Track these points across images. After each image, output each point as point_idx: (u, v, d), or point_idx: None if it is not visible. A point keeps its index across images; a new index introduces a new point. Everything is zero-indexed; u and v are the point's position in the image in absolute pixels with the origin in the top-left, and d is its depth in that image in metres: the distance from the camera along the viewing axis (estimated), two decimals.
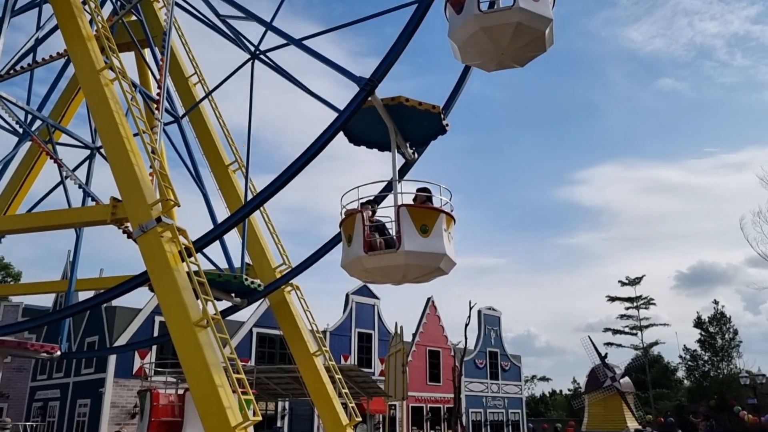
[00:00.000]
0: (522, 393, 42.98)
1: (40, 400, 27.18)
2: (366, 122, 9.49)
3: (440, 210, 8.53)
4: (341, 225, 8.85)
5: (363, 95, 9.17)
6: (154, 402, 10.06)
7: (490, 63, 8.42)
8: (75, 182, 13.46)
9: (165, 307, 8.99)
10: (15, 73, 14.60)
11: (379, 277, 8.99)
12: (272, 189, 10.07)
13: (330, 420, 12.32)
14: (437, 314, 37.45)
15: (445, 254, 8.33)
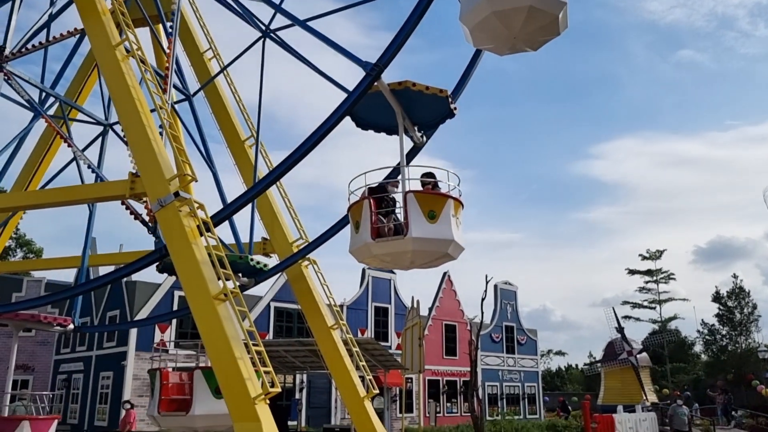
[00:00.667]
0: (538, 367, 43.18)
1: (64, 373, 27.81)
2: (373, 106, 9.45)
3: (448, 195, 8.54)
4: (349, 210, 8.90)
5: (368, 81, 9.09)
6: (164, 380, 10.32)
7: (502, 47, 8.26)
8: (85, 162, 13.53)
9: (184, 280, 9.10)
10: (28, 51, 14.66)
11: (386, 263, 9.06)
12: (277, 173, 10.14)
13: (348, 392, 12.48)
14: (453, 289, 37.56)
15: (453, 240, 8.35)
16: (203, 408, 9.63)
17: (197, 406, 9.65)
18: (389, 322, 33.43)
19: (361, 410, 12.30)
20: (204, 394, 9.76)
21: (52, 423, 13.01)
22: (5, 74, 14.21)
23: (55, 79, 15.26)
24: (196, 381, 9.80)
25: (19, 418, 12.62)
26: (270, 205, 13.36)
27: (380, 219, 8.45)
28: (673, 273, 54.99)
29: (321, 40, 10.44)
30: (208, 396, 9.75)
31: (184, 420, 9.77)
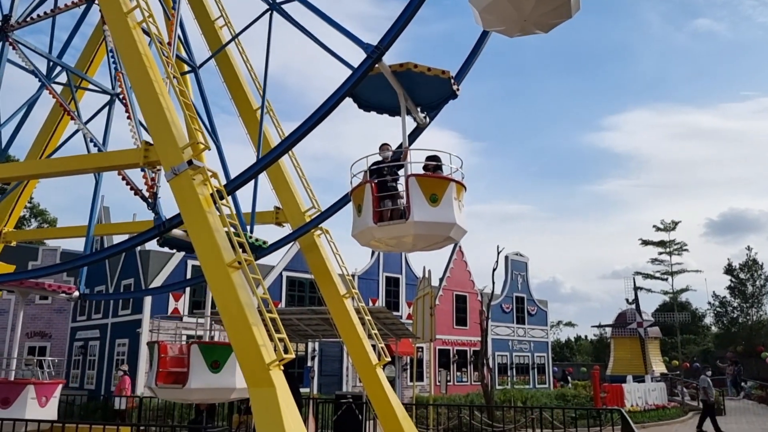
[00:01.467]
0: (548, 337, 43.42)
1: (80, 340, 28.31)
2: (375, 87, 9.35)
3: (450, 179, 8.52)
4: (351, 194, 8.93)
5: (368, 63, 8.98)
6: (162, 353, 10.51)
7: (512, 29, 8.06)
8: (87, 135, 13.48)
9: (198, 248, 9.15)
10: (33, 20, 14.61)
11: (389, 246, 9.12)
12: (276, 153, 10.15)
13: (360, 360, 12.62)
14: (464, 260, 37.65)
15: (455, 223, 8.35)
16: (199, 381, 9.82)
17: (193, 380, 9.80)
18: (400, 292, 33.63)
19: (373, 378, 12.46)
20: (200, 368, 9.94)
21: (57, 387, 13.36)
22: (11, 43, 14.21)
23: (63, 48, 15.21)
24: (193, 355, 9.94)
25: (25, 381, 12.98)
26: (282, 175, 13.36)
27: (382, 203, 8.48)
28: (686, 244, 54.74)
29: (322, 18, 10.32)
30: (204, 370, 9.93)
31: (181, 393, 9.93)
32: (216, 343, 10.90)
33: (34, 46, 14.46)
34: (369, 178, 8.70)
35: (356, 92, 9.54)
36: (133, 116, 12.62)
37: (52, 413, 13.04)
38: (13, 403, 12.22)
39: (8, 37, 14.30)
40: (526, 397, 23.75)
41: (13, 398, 12.27)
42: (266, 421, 7.89)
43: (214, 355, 10.12)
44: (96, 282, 27.75)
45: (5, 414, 11.74)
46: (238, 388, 10.17)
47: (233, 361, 10.10)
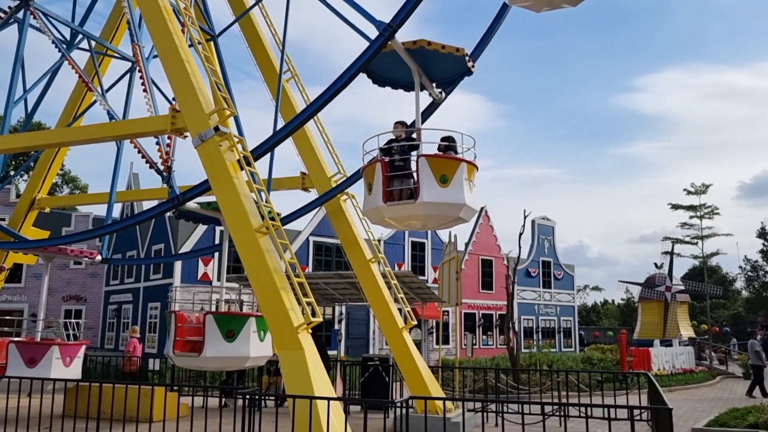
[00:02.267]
0: (574, 301, 43.34)
1: (114, 303, 29.08)
2: (389, 63, 9.30)
3: (461, 159, 8.49)
4: (362, 172, 8.96)
5: (381, 41, 8.89)
6: (179, 323, 10.85)
7: (539, 4, 7.82)
8: (104, 106, 13.58)
9: (227, 214, 9.27)
10: None
11: (398, 225, 9.16)
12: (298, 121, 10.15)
13: (387, 323, 12.78)
14: (490, 224, 37.52)
15: (464, 204, 8.34)
16: (214, 350, 10.13)
17: (209, 348, 10.11)
18: (425, 256, 33.74)
19: (399, 341, 12.63)
20: (215, 338, 10.23)
21: (81, 347, 13.90)
22: (32, 12, 14.30)
23: (84, 15, 15.28)
24: (208, 325, 10.22)
25: (50, 342, 13.53)
26: (308, 140, 13.37)
27: (392, 182, 8.51)
28: (717, 208, 53.75)
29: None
30: (219, 339, 10.23)
31: (197, 361, 10.24)
32: (231, 313, 11.19)
33: (55, 15, 14.54)
34: (381, 156, 8.74)
35: (370, 68, 9.51)
36: (148, 86, 12.70)
37: (77, 372, 13.63)
38: (39, 362, 12.81)
39: (29, 6, 14.39)
40: (552, 360, 23.86)
41: (39, 358, 12.85)
42: (296, 382, 8.07)
43: (229, 325, 10.43)
44: (128, 247, 28.36)
45: (32, 372, 12.32)
46: (252, 356, 10.49)
47: (247, 330, 10.46)
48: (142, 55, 13.14)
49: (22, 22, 14.45)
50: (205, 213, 12.17)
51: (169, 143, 12.10)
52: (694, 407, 16.98)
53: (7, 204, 28.47)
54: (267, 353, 11.01)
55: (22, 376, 11.35)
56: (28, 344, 13.35)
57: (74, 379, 13.27)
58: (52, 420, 10.16)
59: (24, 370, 12.49)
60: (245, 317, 10.59)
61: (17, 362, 12.75)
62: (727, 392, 21.53)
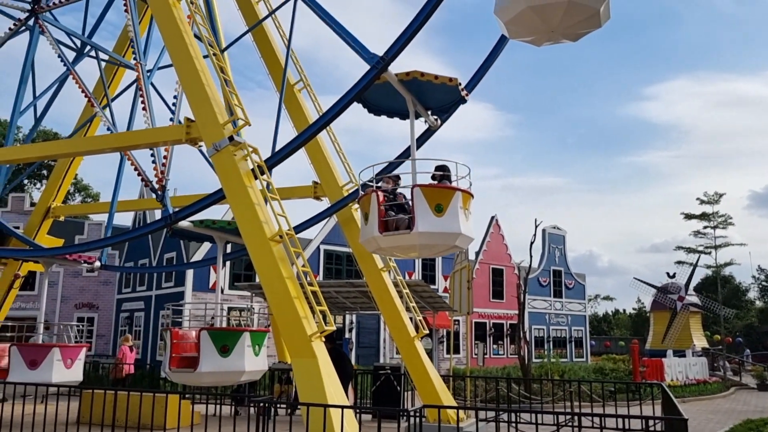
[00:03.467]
0: (585, 311, 43.08)
1: (126, 311, 29.25)
2: (383, 94, 9.46)
3: (455, 188, 8.61)
4: (359, 202, 9.16)
5: (373, 74, 9.06)
6: (174, 339, 10.99)
7: (540, 40, 7.91)
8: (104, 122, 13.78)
9: (241, 222, 9.34)
10: (63, 3, 14.90)
11: (395, 253, 9.36)
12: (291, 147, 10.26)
13: (398, 332, 12.78)
14: (501, 233, 37.44)
15: (460, 233, 8.47)
16: (209, 366, 10.21)
17: (204, 364, 10.19)
18: (436, 265, 33.70)
19: (411, 350, 12.62)
20: (210, 353, 10.34)
21: (81, 350, 14.11)
22: (40, 26, 14.56)
23: (94, 26, 15.55)
24: (203, 340, 10.30)
25: (51, 345, 13.74)
26: (320, 149, 13.44)
27: (388, 212, 8.65)
28: (731, 217, 53.32)
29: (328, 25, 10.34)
30: (214, 354, 10.33)
31: (192, 376, 10.30)
32: (225, 329, 11.32)
33: (64, 27, 14.84)
34: (376, 187, 9.00)
35: (365, 99, 9.73)
36: (148, 103, 12.92)
37: (78, 374, 13.88)
38: (41, 364, 13.07)
39: (38, 18, 14.65)
40: (564, 370, 23.71)
41: (40, 360, 13.10)
42: (309, 390, 8.10)
43: (224, 340, 10.52)
44: (140, 255, 28.54)
45: (34, 374, 12.70)
46: (247, 371, 10.54)
47: (242, 345, 10.53)
48: (143, 73, 13.32)
49: (31, 34, 14.72)
50: (198, 231, 12.35)
51: (164, 162, 12.34)
52: (709, 418, 16.82)
53: (22, 212, 28.78)
54: (262, 367, 11.10)
55: (24, 379, 11.77)
56: (29, 346, 13.59)
57: (75, 381, 13.60)
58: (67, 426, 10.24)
59: (26, 372, 12.79)
60: (239, 332, 10.66)
61: (19, 364, 12.98)
62: (742, 403, 21.31)
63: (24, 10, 14.95)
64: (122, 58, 15.47)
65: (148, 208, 21.44)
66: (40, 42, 15.15)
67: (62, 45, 15.13)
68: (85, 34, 15.42)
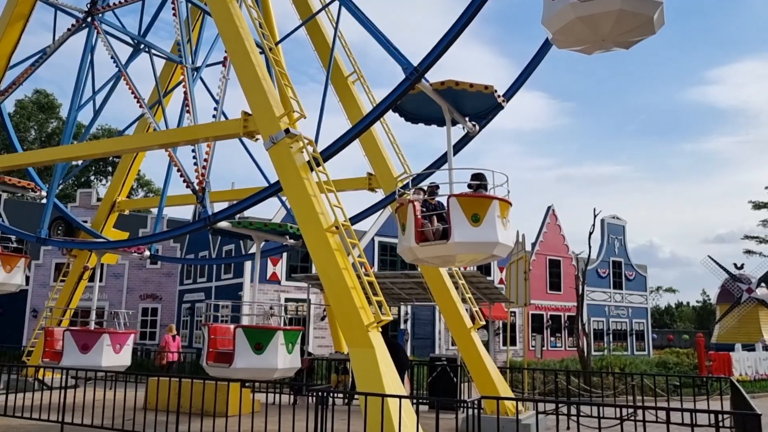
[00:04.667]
0: (647, 303, 41.81)
1: (187, 302, 30.14)
2: (420, 102, 9.46)
3: (492, 197, 8.52)
4: (396, 212, 9.16)
5: (407, 85, 9.10)
6: (212, 335, 11.36)
7: (590, 49, 7.64)
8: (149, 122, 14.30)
9: (298, 214, 9.46)
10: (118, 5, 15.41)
11: (432, 263, 9.40)
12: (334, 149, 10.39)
13: (455, 323, 12.72)
14: (558, 223, 36.72)
15: (497, 242, 8.41)
16: (243, 362, 10.47)
17: (238, 360, 10.44)
18: None
19: (467, 341, 12.54)
20: (244, 350, 10.61)
21: (129, 336, 14.89)
22: (95, 27, 15.09)
23: (148, 26, 16.06)
24: (238, 337, 10.54)
25: (102, 331, 14.55)
26: (374, 141, 13.47)
27: (425, 222, 8.67)
28: None
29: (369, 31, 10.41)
30: (248, 351, 10.60)
31: (227, 371, 10.53)
32: (259, 326, 11.59)
33: (119, 27, 15.41)
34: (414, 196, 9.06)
35: (401, 107, 9.80)
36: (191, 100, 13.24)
37: (126, 359, 14.69)
38: (92, 348, 13.89)
39: (94, 20, 15.20)
40: (624, 363, 23.10)
41: (91, 345, 13.93)
42: (367, 380, 8.15)
43: (258, 338, 10.79)
44: (200, 248, 29.34)
45: (85, 358, 13.64)
46: (279, 368, 10.76)
47: (275, 343, 10.79)
48: (188, 73, 13.65)
49: (87, 35, 15.31)
50: (236, 230, 12.78)
51: (205, 164, 12.66)
52: None
53: (89, 207, 30.00)
54: (295, 365, 11.34)
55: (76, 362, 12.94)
56: (81, 332, 14.45)
57: (123, 366, 14.47)
58: (135, 411, 10.64)
59: (78, 356, 13.69)
60: (273, 331, 10.95)
61: (72, 348, 13.83)
62: None
63: (81, 11, 15.56)
64: (174, 56, 15.92)
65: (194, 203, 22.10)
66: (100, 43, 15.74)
67: (123, 42, 15.74)
68: (141, 33, 15.94)
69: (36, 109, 49.33)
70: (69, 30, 15.80)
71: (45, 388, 12.60)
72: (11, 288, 15.75)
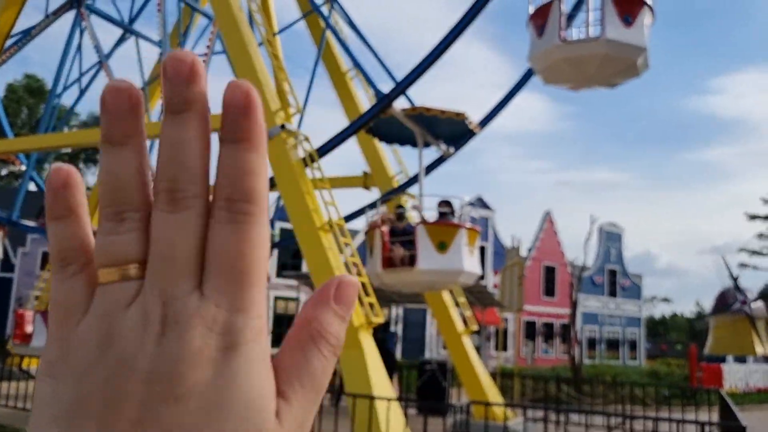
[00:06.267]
0: (641, 313, 41.74)
1: None
2: (395, 124, 9.53)
3: (460, 225, 8.61)
4: (366, 234, 9.34)
5: (377, 109, 9.32)
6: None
7: (577, 86, 7.77)
8: None
9: (291, 211, 9.34)
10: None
11: (399, 288, 9.52)
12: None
13: (446, 327, 12.62)
14: (554, 229, 36.63)
15: (462, 271, 8.47)
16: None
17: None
18: (486, 261, 33.25)
19: (459, 345, 12.44)
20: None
21: None
22: (81, 14, 14.99)
23: (136, 14, 16.02)
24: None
25: None
26: (371, 140, 13.34)
27: (392, 248, 8.72)
28: None
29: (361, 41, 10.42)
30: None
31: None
32: None
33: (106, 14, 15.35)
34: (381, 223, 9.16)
35: (375, 130, 9.97)
36: None
37: None
38: None
39: (80, 7, 15.10)
40: (616, 372, 23.03)
41: None
42: (355, 380, 8.04)
43: None
44: None
45: None
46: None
47: None
48: None
49: (74, 22, 15.19)
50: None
51: None
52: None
53: None
54: None
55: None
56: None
57: None
58: None
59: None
60: None
61: (42, 331, 13.69)
62: None
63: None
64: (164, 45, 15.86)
65: None
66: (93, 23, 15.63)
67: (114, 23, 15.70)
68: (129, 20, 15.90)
69: (26, 93, 49.06)
70: (55, 14, 15.69)
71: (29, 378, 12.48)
72: None
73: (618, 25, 6.89)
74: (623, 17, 6.91)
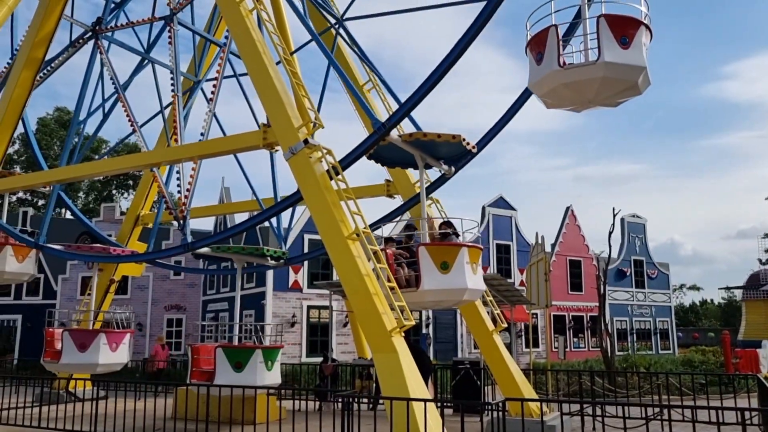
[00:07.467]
0: (670, 301, 41.32)
1: (211, 312, 30.45)
2: (394, 149, 9.92)
3: (461, 245, 8.90)
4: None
5: (374, 138, 9.66)
6: (195, 355, 11.72)
7: (578, 108, 7.91)
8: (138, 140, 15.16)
9: (319, 222, 9.60)
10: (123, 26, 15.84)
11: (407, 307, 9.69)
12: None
13: (476, 326, 12.77)
14: (577, 224, 36.49)
15: (466, 288, 8.74)
16: (224, 379, 10.63)
17: (219, 378, 10.61)
18: (511, 259, 33.27)
19: (490, 344, 12.58)
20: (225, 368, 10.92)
21: (126, 335, 15.36)
22: (98, 46, 15.46)
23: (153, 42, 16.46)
24: (218, 357, 10.75)
25: (98, 330, 15.07)
26: None
27: (397, 269, 9.05)
28: None
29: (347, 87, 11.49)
30: (228, 370, 10.91)
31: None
32: (239, 346, 12.12)
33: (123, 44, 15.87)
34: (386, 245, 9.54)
35: (378, 156, 10.35)
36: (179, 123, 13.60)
37: (123, 357, 15.14)
38: (89, 347, 14.36)
39: (98, 39, 15.57)
40: (649, 363, 22.92)
41: (88, 343, 14.39)
42: (391, 385, 8.24)
43: (238, 356, 11.27)
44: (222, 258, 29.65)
45: (83, 356, 14.17)
46: (258, 384, 11.31)
47: (254, 361, 11.41)
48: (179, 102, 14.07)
49: (92, 53, 15.68)
50: (216, 255, 13.48)
51: (188, 189, 12.98)
52: None
53: (113, 221, 30.48)
54: (275, 381, 11.81)
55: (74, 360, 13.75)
56: (78, 331, 14.93)
57: (121, 364, 14.95)
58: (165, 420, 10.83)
59: (76, 354, 14.15)
60: (252, 349, 11.41)
61: (70, 347, 14.26)
62: None
63: (88, 29, 15.94)
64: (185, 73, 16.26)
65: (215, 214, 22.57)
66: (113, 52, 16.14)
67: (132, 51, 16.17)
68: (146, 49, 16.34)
69: (57, 126, 50.23)
70: (74, 47, 16.22)
71: (75, 400, 12.89)
72: (24, 277, 16.40)
73: (615, 47, 6.97)
74: (620, 39, 6.99)
